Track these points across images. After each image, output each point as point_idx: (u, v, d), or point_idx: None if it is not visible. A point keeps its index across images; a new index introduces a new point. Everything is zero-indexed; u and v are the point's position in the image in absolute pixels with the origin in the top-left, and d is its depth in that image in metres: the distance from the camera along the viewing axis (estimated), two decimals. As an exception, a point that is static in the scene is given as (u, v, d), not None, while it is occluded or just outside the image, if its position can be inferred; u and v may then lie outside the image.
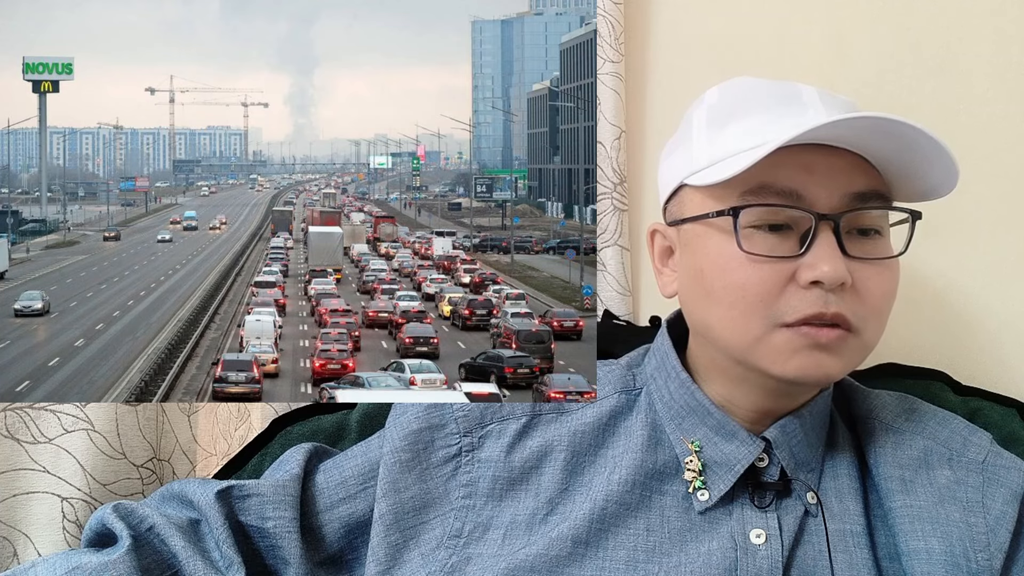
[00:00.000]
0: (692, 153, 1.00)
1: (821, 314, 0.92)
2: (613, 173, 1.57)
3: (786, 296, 0.93)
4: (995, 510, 1.00)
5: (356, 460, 1.14)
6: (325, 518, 1.11)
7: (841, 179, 0.94)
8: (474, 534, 1.04)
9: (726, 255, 0.95)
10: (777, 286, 0.93)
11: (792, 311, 0.92)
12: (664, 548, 0.99)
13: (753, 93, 1.00)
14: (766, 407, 1.02)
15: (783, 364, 0.94)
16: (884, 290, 0.96)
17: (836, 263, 0.91)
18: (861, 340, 0.95)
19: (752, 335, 0.94)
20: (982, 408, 1.26)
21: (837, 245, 0.92)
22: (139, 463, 1.36)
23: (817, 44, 1.49)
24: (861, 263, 0.94)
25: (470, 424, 1.08)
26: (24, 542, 1.27)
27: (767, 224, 0.94)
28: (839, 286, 0.91)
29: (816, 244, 0.92)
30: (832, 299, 0.92)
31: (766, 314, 0.93)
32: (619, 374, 1.11)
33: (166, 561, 1.04)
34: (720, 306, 0.96)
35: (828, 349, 0.93)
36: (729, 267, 0.95)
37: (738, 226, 0.94)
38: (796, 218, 0.94)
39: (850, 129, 0.90)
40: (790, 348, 0.93)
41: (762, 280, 0.93)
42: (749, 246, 0.93)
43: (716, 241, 0.97)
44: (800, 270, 0.92)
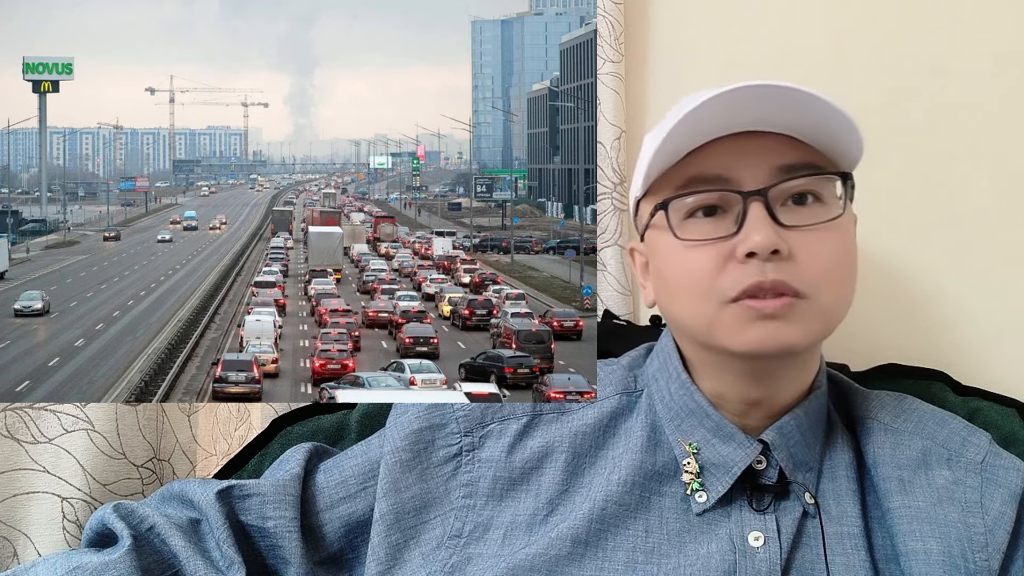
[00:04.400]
0: (639, 168, 1.03)
1: (760, 283, 0.93)
2: (613, 173, 1.57)
3: (726, 273, 0.95)
4: (994, 510, 1.00)
5: (356, 460, 1.14)
6: (325, 517, 1.11)
7: (767, 156, 0.96)
8: (474, 534, 1.04)
9: (670, 248, 0.98)
10: (717, 266, 0.95)
11: (733, 285, 0.94)
12: (663, 549, 0.99)
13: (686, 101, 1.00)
14: (752, 396, 1.01)
15: (739, 338, 0.95)
16: (828, 253, 0.95)
17: (766, 231, 0.93)
18: (816, 305, 0.95)
19: (706, 317, 0.96)
20: (982, 408, 1.26)
21: (768, 216, 0.94)
22: (139, 463, 1.36)
23: (817, 44, 1.50)
24: (799, 231, 0.95)
25: (471, 424, 1.08)
26: (24, 542, 1.27)
27: (701, 210, 0.97)
28: (775, 254, 0.93)
29: (747, 220, 0.94)
30: (769, 267, 0.93)
31: (712, 294, 0.95)
32: (620, 375, 1.11)
33: (166, 561, 1.04)
34: (676, 297, 0.99)
35: (779, 317, 0.93)
36: (674, 258, 0.98)
37: (669, 218, 0.97)
38: (727, 199, 0.96)
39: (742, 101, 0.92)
40: (739, 322, 0.94)
41: (701, 263, 0.96)
42: (685, 234, 0.97)
43: (663, 239, 1.00)
44: (736, 246, 0.94)
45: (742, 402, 1.02)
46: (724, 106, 0.92)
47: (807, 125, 0.95)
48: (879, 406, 1.08)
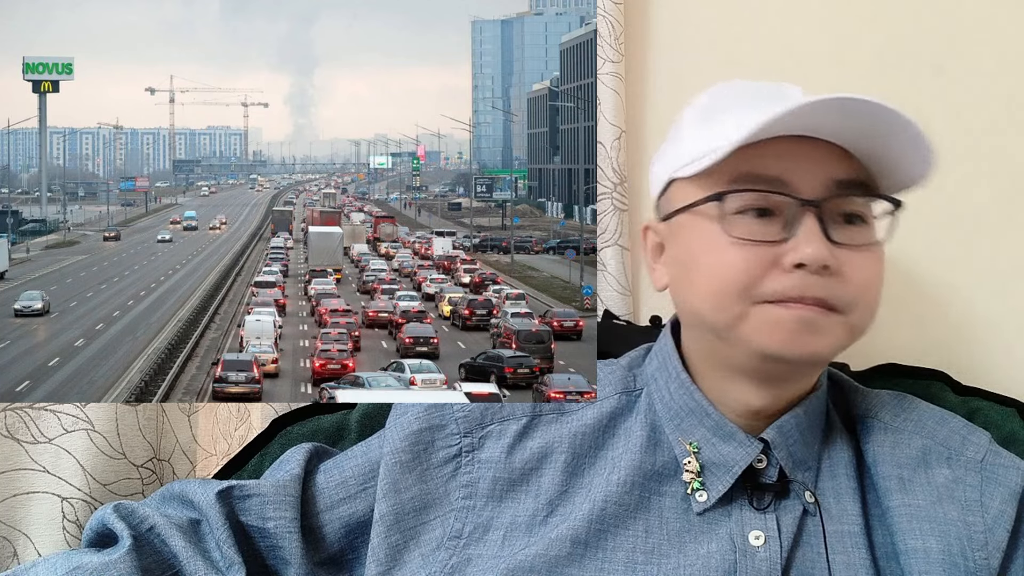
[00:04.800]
0: (681, 149, 1.02)
1: (802, 296, 0.93)
2: (613, 173, 1.57)
3: (768, 279, 0.94)
4: (993, 509, 1.00)
5: (356, 460, 1.14)
6: (325, 518, 1.11)
7: (824, 167, 0.95)
8: (474, 535, 1.04)
9: (712, 241, 0.96)
10: (760, 269, 0.94)
11: (773, 293, 0.93)
12: (663, 549, 0.99)
13: (740, 92, 1.02)
14: (757, 403, 1.01)
15: (766, 338, 0.94)
16: (867, 275, 0.96)
17: (818, 246, 0.92)
18: (847, 320, 0.95)
19: (734, 313, 0.95)
20: (982, 408, 1.26)
21: (820, 230, 0.93)
22: (139, 463, 1.36)
23: (817, 44, 1.50)
24: (844, 249, 0.94)
25: (470, 424, 1.08)
26: (24, 542, 1.27)
27: (753, 210, 0.96)
28: (822, 269, 0.92)
29: (800, 228, 0.93)
30: (813, 281, 0.93)
31: (745, 296, 0.94)
32: (620, 375, 1.11)
33: (167, 561, 1.04)
34: (702, 288, 0.97)
35: (811, 325, 0.93)
36: (714, 251, 0.96)
37: (724, 211, 0.95)
38: (780, 204, 0.95)
39: (828, 111, 0.91)
40: (769, 322, 0.94)
41: (746, 262, 0.94)
42: (734, 231, 0.95)
43: (703, 229, 0.98)
44: (784, 254, 0.93)
45: (745, 407, 1.02)
46: (802, 109, 0.90)
47: (870, 140, 0.94)
48: (879, 405, 1.08)
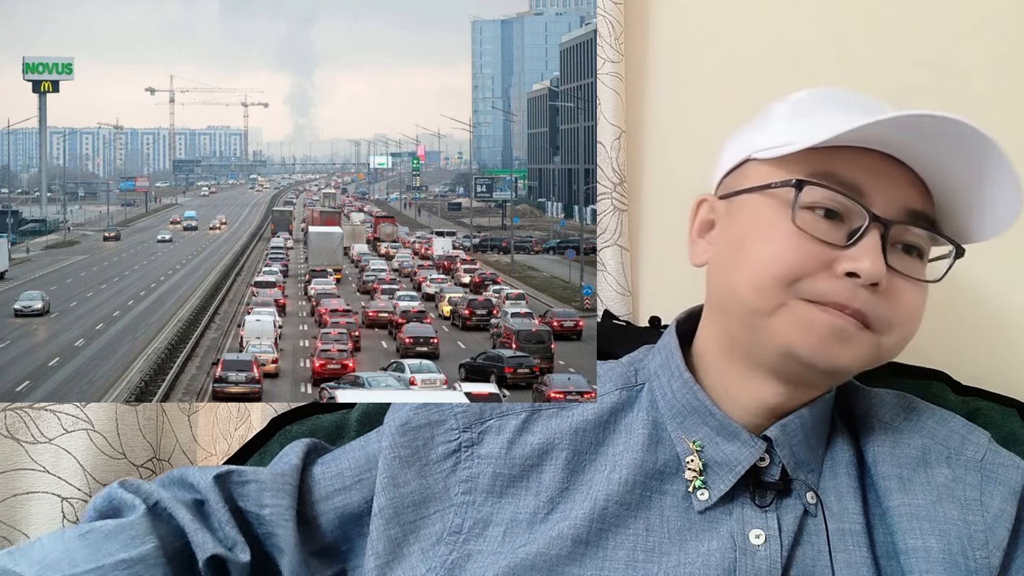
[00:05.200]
0: (769, 132, 1.02)
1: (846, 305, 0.93)
2: (613, 173, 1.57)
3: (817, 278, 0.94)
4: (993, 508, 1.00)
5: (354, 454, 1.14)
6: (320, 508, 1.11)
7: (900, 191, 0.96)
8: (474, 530, 1.04)
9: (775, 225, 0.96)
10: (813, 266, 0.94)
11: (819, 294, 0.94)
12: (664, 548, 0.99)
13: (840, 96, 1.03)
14: (769, 403, 1.01)
15: (797, 337, 0.95)
16: (912, 306, 0.97)
17: (877, 261, 0.93)
18: (879, 340, 0.96)
19: (775, 301, 0.95)
20: (982, 408, 1.26)
21: (881, 248, 0.94)
22: (139, 463, 1.36)
23: (817, 44, 1.50)
24: (897, 276, 0.95)
25: (469, 420, 1.08)
26: (24, 542, 1.27)
27: (823, 208, 0.96)
28: (871, 286, 0.93)
29: (863, 240, 0.94)
30: (861, 294, 0.93)
31: (792, 288, 0.94)
32: (621, 371, 1.11)
33: (175, 533, 1.04)
34: (754, 269, 0.97)
35: (842, 334, 0.94)
36: (775, 236, 0.96)
37: (797, 199, 0.95)
38: (852, 211, 0.95)
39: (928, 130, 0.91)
40: (808, 320, 0.94)
41: (802, 255, 0.94)
42: (800, 221, 0.95)
43: (768, 212, 0.98)
44: (840, 260, 0.94)
45: (754, 406, 1.02)
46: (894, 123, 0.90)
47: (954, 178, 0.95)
48: (879, 404, 1.08)
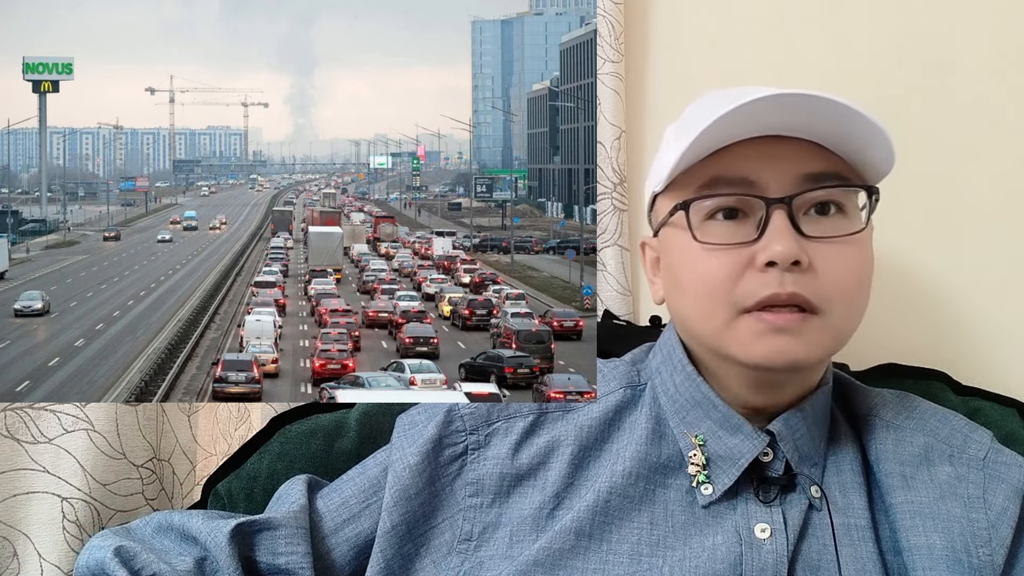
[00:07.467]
0: (660, 163, 1.03)
1: (777, 294, 0.93)
2: (613, 173, 1.57)
3: (744, 281, 0.94)
4: (996, 506, 1.00)
5: (355, 481, 1.12)
6: (332, 542, 1.08)
7: (793, 163, 0.96)
8: (484, 536, 1.03)
9: (687, 249, 0.98)
10: (735, 272, 0.95)
11: (750, 295, 0.94)
12: (668, 542, 0.99)
13: (712, 100, 1.01)
14: (753, 403, 1.02)
15: (748, 349, 0.95)
16: (848, 269, 0.95)
17: (788, 242, 0.92)
18: (827, 322, 0.95)
19: (719, 321, 0.96)
20: (982, 408, 1.26)
21: (791, 226, 0.93)
22: (139, 463, 1.36)
23: (817, 44, 1.50)
24: (821, 243, 0.94)
25: (476, 422, 1.08)
26: (24, 542, 1.27)
27: (722, 212, 0.97)
28: (795, 266, 0.93)
29: (769, 227, 0.94)
30: (788, 279, 0.93)
31: (727, 301, 0.95)
32: (623, 370, 1.12)
33: None
34: (689, 297, 0.99)
35: (790, 332, 0.93)
36: (690, 259, 0.98)
37: (690, 219, 0.97)
38: (749, 203, 0.96)
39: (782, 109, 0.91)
40: (753, 333, 0.94)
41: (720, 267, 0.95)
42: (704, 236, 0.96)
43: (680, 238, 0.99)
44: (757, 255, 0.94)
45: (743, 408, 1.03)
46: (755, 109, 0.91)
47: (836, 134, 0.95)
48: (881, 403, 1.08)
